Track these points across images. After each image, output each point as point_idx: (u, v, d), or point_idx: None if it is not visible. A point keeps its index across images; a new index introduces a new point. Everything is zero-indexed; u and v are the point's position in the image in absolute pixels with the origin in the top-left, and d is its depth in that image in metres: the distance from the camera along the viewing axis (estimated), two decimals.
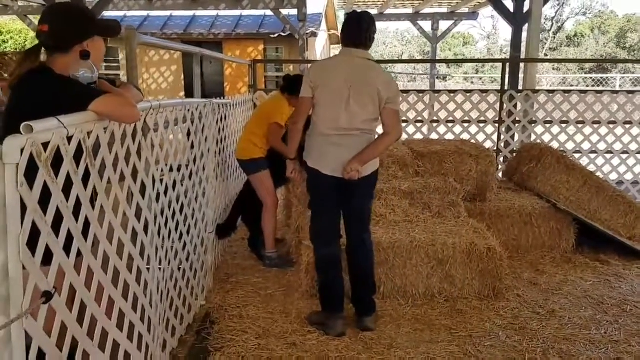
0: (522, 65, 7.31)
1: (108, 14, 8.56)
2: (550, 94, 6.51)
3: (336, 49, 18.25)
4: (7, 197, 1.17)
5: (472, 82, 27.22)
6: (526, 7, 6.92)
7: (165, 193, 2.67)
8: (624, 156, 5.89)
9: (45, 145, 1.38)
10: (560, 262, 4.51)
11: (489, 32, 32.63)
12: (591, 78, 24.12)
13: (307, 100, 3.02)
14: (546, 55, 28.90)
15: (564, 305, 3.58)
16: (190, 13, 9.26)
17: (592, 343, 3.04)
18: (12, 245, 1.18)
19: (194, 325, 3.19)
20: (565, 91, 6.44)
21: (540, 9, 6.53)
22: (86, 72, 1.84)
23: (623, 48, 29.45)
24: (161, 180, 2.61)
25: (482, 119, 6.46)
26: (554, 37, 30.77)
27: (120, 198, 2.00)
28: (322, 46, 12.25)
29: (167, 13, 9.71)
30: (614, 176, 5.91)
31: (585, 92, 6.38)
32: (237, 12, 11.04)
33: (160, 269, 2.60)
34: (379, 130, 3.08)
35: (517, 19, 6.95)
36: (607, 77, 23.44)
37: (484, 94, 6.55)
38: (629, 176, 5.95)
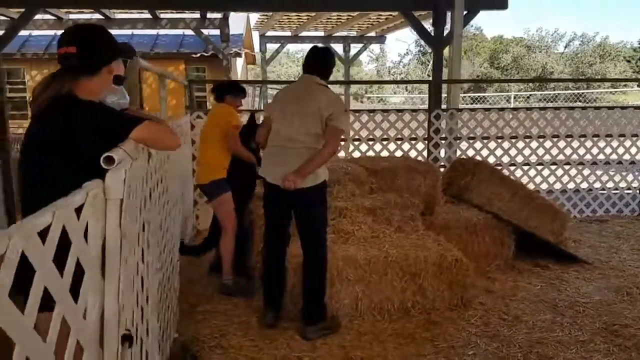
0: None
1: None
2: (473, 112, 6.98)
3: (252, 69, 18.23)
4: (108, 235, 1.04)
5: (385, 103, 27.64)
6: (446, 31, 7.36)
7: None
8: (553, 167, 6.42)
9: None
10: (505, 269, 4.78)
11: (377, 54, 33.95)
12: (469, 97, 25.15)
13: (266, 119, 3.46)
14: (428, 76, 30.26)
15: (525, 310, 3.79)
16: None
17: (562, 344, 3.24)
18: (111, 285, 1.05)
19: None
20: (485, 109, 6.92)
21: (460, 32, 6.97)
22: (120, 97, 1.70)
23: (497, 68, 30.81)
24: None
25: (413, 136, 6.78)
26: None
27: None
28: (241, 66, 12.20)
29: None
30: (544, 186, 6.42)
31: (503, 109, 6.92)
32: (153, 32, 10.68)
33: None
34: None
35: (437, 42, 7.35)
36: (483, 96, 24.85)
37: (414, 113, 6.89)
38: (557, 185, 6.49)
